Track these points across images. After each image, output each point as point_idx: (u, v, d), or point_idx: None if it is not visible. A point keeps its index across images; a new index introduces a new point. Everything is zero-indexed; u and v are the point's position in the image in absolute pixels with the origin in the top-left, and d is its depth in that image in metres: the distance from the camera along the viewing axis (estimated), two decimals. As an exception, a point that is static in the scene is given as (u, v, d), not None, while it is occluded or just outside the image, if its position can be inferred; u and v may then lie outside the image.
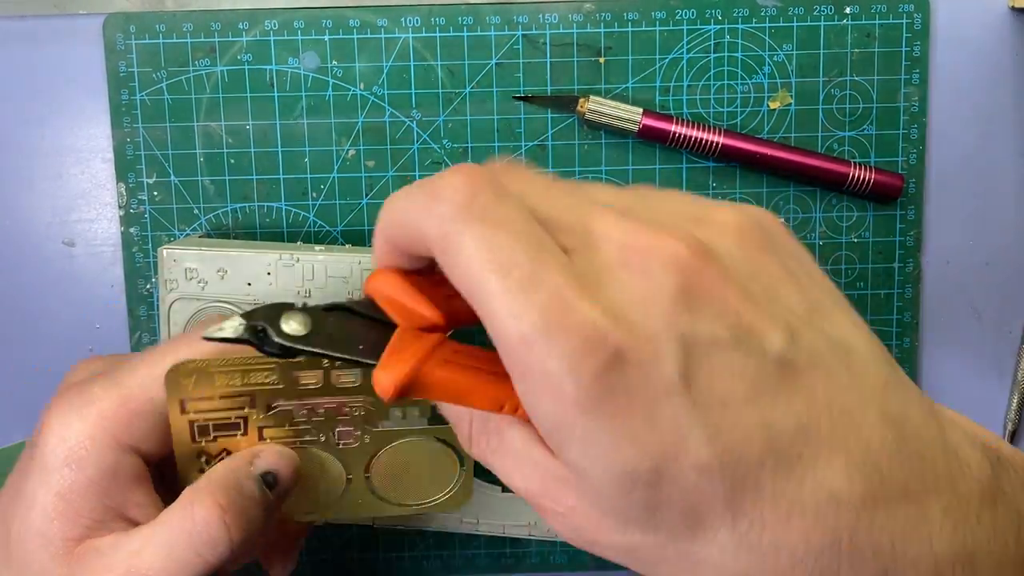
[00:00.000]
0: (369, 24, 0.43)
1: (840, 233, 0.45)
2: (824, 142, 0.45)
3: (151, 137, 0.44)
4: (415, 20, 0.43)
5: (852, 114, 0.44)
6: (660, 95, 0.44)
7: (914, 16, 0.44)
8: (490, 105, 0.44)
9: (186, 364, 0.32)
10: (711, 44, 0.44)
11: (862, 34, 0.44)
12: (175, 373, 0.32)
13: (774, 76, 0.44)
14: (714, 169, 0.45)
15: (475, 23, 0.43)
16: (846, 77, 0.44)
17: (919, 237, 0.45)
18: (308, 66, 0.43)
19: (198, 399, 0.33)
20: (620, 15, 0.43)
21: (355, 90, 0.44)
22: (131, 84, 0.43)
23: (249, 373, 0.33)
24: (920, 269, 0.46)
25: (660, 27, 0.44)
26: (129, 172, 0.44)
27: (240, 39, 0.43)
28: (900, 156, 0.45)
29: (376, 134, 0.44)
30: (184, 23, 0.43)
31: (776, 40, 0.44)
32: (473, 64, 0.44)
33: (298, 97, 0.44)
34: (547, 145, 0.44)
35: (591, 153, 0.44)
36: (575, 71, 0.44)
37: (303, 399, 0.34)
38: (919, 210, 0.45)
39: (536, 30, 0.43)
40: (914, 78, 0.44)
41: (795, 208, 0.45)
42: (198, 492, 0.32)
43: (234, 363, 0.33)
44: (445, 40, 0.43)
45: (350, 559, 0.46)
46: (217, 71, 0.43)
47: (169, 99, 0.43)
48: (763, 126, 0.44)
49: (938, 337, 0.46)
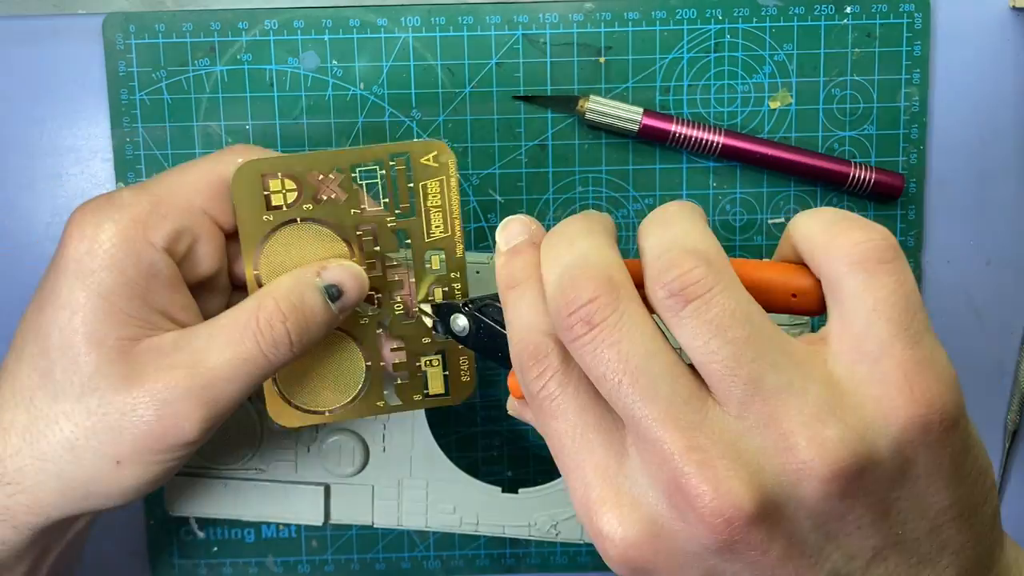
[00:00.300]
0: (369, 24, 0.43)
1: (840, 233, 0.45)
2: (824, 142, 0.45)
3: (151, 137, 0.43)
4: (415, 20, 0.43)
5: (852, 114, 0.44)
6: (660, 95, 0.44)
7: (914, 16, 0.44)
8: (490, 105, 0.44)
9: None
10: (711, 44, 0.44)
11: (862, 34, 0.44)
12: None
13: (774, 76, 0.44)
14: (714, 169, 0.45)
15: (475, 23, 0.43)
16: (846, 77, 0.44)
17: (919, 237, 0.45)
18: (308, 66, 0.43)
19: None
20: (620, 15, 0.43)
21: (355, 90, 0.44)
22: (131, 84, 0.43)
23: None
24: (920, 269, 0.46)
25: (660, 27, 0.44)
26: (129, 172, 0.44)
27: (240, 39, 0.43)
28: (900, 156, 0.45)
29: (376, 134, 0.44)
30: (184, 23, 0.43)
31: (776, 40, 0.44)
32: (473, 64, 0.44)
33: (298, 97, 0.43)
34: (547, 145, 0.44)
35: (591, 153, 0.44)
36: (575, 71, 0.44)
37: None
38: (919, 210, 0.45)
39: (536, 30, 0.43)
40: (914, 78, 0.44)
41: (795, 208, 0.45)
42: (264, 296, 0.33)
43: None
44: (445, 40, 0.43)
45: (350, 559, 0.46)
46: (217, 71, 0.43)
47: (169, 99, 0.43)
48: (763, 126, 0.44)
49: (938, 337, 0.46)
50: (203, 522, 0.46)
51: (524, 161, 0.44)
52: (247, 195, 0.34)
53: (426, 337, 0.37)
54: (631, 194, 0.44)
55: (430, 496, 0.42)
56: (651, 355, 0.25)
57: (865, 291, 0.25)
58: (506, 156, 0.44)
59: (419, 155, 0.35)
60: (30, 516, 0.32)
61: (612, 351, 0.25)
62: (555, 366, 0.27)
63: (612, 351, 0.25)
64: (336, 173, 0.34)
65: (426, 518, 0.42)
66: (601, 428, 0.26)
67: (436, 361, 0.37)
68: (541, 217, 0.44)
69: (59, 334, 0.31)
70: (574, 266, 0.26)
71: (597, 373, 0.25)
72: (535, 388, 0.27)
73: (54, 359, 0.32)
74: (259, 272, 0.35)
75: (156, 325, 0.32)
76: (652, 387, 0.24)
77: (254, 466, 0.42)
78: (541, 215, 0.44)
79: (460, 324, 0.32)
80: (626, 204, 0.45)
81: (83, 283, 0.31)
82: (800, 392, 0.24)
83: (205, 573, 0.46)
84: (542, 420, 0.27)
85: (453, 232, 0.35)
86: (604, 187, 0.44)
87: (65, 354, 0.31)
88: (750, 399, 0.24)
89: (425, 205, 0.35)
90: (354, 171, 0.34)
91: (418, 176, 0.35)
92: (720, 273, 0.25)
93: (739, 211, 0.45)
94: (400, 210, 0.35)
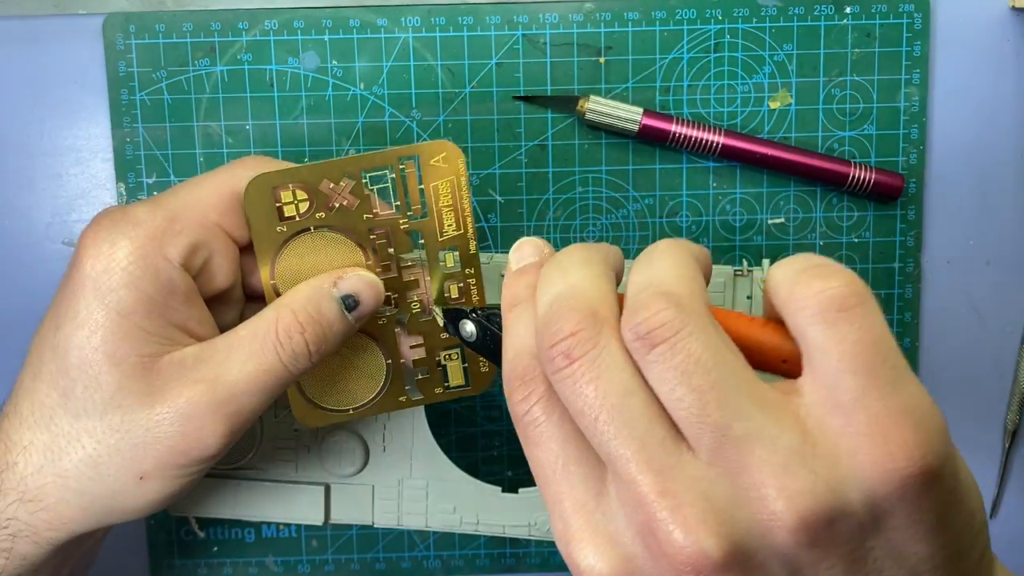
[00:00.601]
0: (369, 24, 0.43)
1: (840, 233, 0.45)
2: (824, 142, 0.45)
3: (151, 137, 0.43)
4: (415, 20, 0.43)
5: (852, 114, 0.44)
6: (660, 95, 0.44)
7: (914, 16, 0.44)
8: (490, 105, 0.44)
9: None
10: (711, 44, 0.44)
11: (862, 34, 0.44)
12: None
13: (774, 76, 0.44)
14: (714, 169, 0.45)
15: (475, 23, 0.43)
16: (846, 77, 0.44)
17: (919, 237, 0.45)
18: (308, 66, 0.43)
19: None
20: (620, 15, 0.43)
21: (355, 90, 0.44)
22: (131, 84, 0.43)
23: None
24: (920, 269, 0.46)
25: (660, 27, 0.44)
26: (129, 172, 0.44)
27: (240, 39, 0.43)
28: (900, 156, 0.45)
29: (376, 134, 0.44)
30: (184, 23, 0.43)
31: (776, 40, 0.44)
32: (473, 64, 0.44)
33: (298, 97, 0.43)
34: (547, 145, 0.44)
35: (591, 153, 0.44)
36: (575, 71, 0.44)
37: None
38: (919, 210, 0.45)
39: (536, 30, 0.43)
40: (914, 78, 0.44)
41: (795, 208, 0.45)
42: (282, 308, 0.33)
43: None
44: (445, 40, 0.43)
45: (350, 559, 0.46)
46: (217, 71, 0.43)
47: (169, 99, 0.43)
48: (763, 126, 0.44)
49: (938, 337, 0.46)
50: (203, 522, 0.46)
51: (524, 161, 0.44)
52: (260, 208, 0.34)
53: (444, 332, 0.37)
54: (631, 194, 0.44)
55: (430, 496, 0.42)
56: (629, 393, 0.24)
57: (828, 343, 0.24)
58: (506, 156, 0.44)
59: (428, 157, 0.35)
60: (51, 532, 0.33)
61: (590, 387, 0.24)
62: (541, 392, 0.26)
63: (590, 387, 0.24)
64: (347, 180, 0.35)
65: (426, 518, 0.42)
66: (583, 462, 0.26)
67: (455, 355, 0.38)
68: (541, 217, 0.45)
69: (78, 353, 0.32)
70: (562, 297, 0.26)
71: (575, 408, 0.25)
72: (520, 411, 0.27)
73: (74, 378, 0.32)
74: (276, 281, 0.35)
75: (175, 340, 0.33)
76: (628, 426, 0.24)
77: (254, 466, 0.42)
78: (541, 215, 0.44)
79: (468, 330, 0.33)
80: (626, 204, 0.45)
81: (101, 302, 0.32)
82: (770, 441, 0.23)
83: (205, 573, 0.46)
84: (526, 446, 0.27)
85: (466, 230, 0.36)
86: (604, 187, 0.44)
87: (85, 372, 0.32)
88: (719, 447, 0.23)
89: (437, 206, 0.35)
90: (364, 176, 0.35)
91: (428, 177, 0.35)
92: (689, 316, 0.24)
93: (739, 211, 0.45)
94: (412, 212, 0.35)
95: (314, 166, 0.34)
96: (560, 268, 0.27)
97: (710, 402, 0.23)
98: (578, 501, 0.25)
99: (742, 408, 0.24)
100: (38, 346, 0.33)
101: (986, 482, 0.48)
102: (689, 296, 0.25)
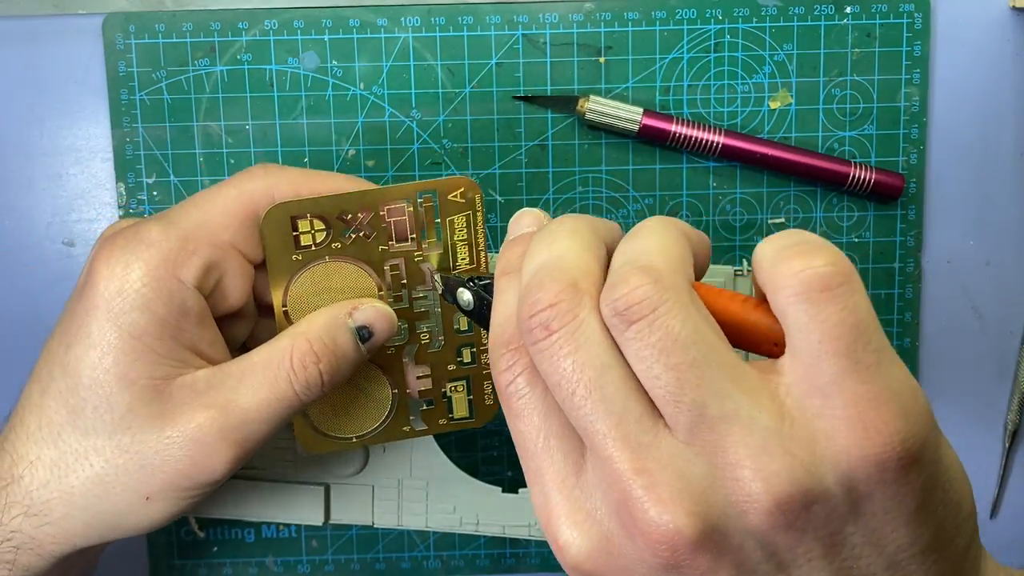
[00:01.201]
0: (369, 24, 0.43)
1: (840, 233, 0.45)
2: (824, 142, 0.45)
3: (151, 137, 0.43)
4: (415, 20, 0.43)
5: (852, 114, 0.44)
6: (660, 95, 0.44)
7: (914, 16, 0.44)
8: (490, 105, 0.44)
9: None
10: (711, 44, 0.44)
11: (862, 34, 0.44)
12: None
13: (774, 76, 0.44)
14: (714, 169, 0.45)
15: (475, 23, 0.43)
16: (846, 77, 0.44)
17: (919, 237, 0.45)
18: (308, 66, 0.43)
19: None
20: (620, 15, 0.43)
21: (355, 90, 0.44)
22: (131, 84, 0.43)
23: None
24: (920, 269, 0.46)
25: (660, 27, 0.44)
26: (129, 172, 0.44)
27: (240, 39, 0.43)
28: (900, 156, 0.45)
29: (376, 134, 0.44)
30: (184, 23, 0.43)
31: (776, 40, 0.44)
32: (473, 64, 0.44)
33: (298, 97, 0.43)
34: (547, 145, 0.44)
35: (591, 153, 0.44)
36: (575, 71, 0.44)
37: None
38: (919, 210, 0.45)
39: (536, 30, 0.43)
40: (914, 78, 0.44)
41: (795, 208, 0.45)
42: (298, 337, 0.33)
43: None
44: (445, 40, 0.43)
45: (350, 559, 0.46)
46: (217, 71, 0.43)
47: (169, 99, 0.43)
48: (763, 126, 0.44)
49: (938, 337, 0.46)
50: (203, 522, 0.46)
51: (524, 161, 0.44)
52: (276, 236, 0.34)
53: (451, 364, 0.37)
54: (631, 194, 0.44)
55: (430, 496, 0.42)
56: (607, 368, 0.24)
57: (809, 323, 0.23)
58: (506, 156, 0.44)
59: (446, 192, 0.35)
60: (55, 546, 0.33)
61: (567, 360, 0.24)
62: (525, 362, 0.26)
63: (567, 360, 0.24)
64: (365, 212, 0.35)
65: (426, 518, 0.42)
66: (564, 436, 0.25)
67: (460, 386, 0.38)
68: (541, 217, 0.45)
69: (90, 373, 0.32)
70: (545, 267, 0.25)
71: (552, 381, 0.24)
72: (504, 381, 0.26)
73: (85, 397, 0.32)
74: (288, 308, 0.35)
75: (186, 362, 0.33)
76: (604, 402, 0.24)
77: (254, 466, 0.42)
78: (541, 215, 0.44)
79: (465, 299, 0.32)
80: (626, 204, 0.45)
81: (114, 324, 0.32)
82: (747, 422, 0.23)
83: (205, 573, 0.46)
84: (508, 418, 0.26)
85: (479, 264, 0.36)
86: (604, 187, 0.44)
87: (96, 393, 0.32)
88: (695, 426, 0.23)
89: (452, 240, 0.36)
90: (382, 210, 0.35)
91: (445, 211, 0.35)
92: (668, 292, 0.24)
93: (739, 211, 0.45)
94: (427, 244, 0.36)
95: (335, 197, 0.35)
96: (548, 238, 0.27)
97: (687, 381, 0.23)
98: (558, 476, 0.25)
99: (720, 387, 0.23)
100: (47, 362, 0.33)
101: (986, 482, 0.48)
102: (670, 272, 0.24)
